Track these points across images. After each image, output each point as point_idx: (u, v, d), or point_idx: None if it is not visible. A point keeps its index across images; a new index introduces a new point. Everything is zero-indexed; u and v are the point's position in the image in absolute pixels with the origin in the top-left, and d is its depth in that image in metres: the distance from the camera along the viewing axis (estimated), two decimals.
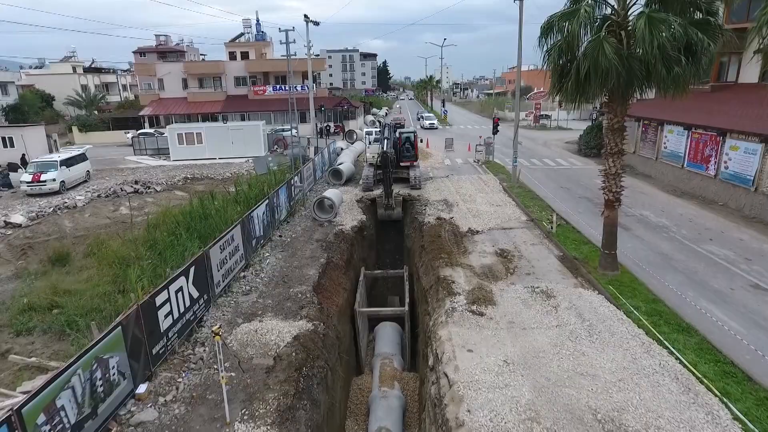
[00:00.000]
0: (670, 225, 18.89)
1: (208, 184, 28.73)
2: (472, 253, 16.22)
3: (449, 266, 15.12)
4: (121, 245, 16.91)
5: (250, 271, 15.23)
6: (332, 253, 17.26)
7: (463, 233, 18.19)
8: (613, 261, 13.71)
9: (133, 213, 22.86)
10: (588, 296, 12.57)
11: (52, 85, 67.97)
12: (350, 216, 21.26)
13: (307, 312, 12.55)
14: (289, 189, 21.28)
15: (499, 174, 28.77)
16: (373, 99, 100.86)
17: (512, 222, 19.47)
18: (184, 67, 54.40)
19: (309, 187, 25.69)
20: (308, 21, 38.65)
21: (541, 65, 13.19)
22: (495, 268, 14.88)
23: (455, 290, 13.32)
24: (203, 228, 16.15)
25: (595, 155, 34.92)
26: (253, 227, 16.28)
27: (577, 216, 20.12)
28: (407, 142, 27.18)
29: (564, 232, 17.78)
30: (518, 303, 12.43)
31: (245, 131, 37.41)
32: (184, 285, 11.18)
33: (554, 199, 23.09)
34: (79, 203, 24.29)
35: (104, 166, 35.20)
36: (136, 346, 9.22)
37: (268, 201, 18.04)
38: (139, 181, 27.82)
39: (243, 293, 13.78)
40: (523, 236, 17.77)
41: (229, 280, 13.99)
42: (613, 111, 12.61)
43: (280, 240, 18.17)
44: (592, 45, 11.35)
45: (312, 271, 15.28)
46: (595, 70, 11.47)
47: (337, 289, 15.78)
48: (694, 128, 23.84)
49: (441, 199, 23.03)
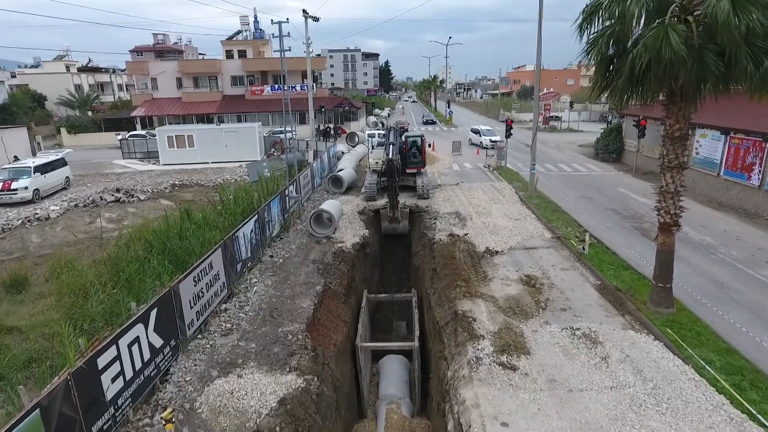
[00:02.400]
0: (716, 244, 16.54)
1: (196, 192, 26.47)
2: (493, 280, 13.90)
3: (467, 297, 12.80)
4: (89, 267, 14.64)
5: (233, 303, 12.94)
6: (330, 277, 14.95)
7: (480, 254, 15.87)
8: (667, 296, 11.38)
9: (110, 227, 20.60)
10: (643, 343, 10.24)
11: (45, 85, 65.86)
12: (351, 231, 18.96)
13: (298, 361, 10.24)
14: (283, 201, 18.99)
15: (513, 181, 26.42)
16: (375, 99, 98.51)
17: (535, 240, 17.14)
18: (179, 65, 52.16)
19: (306, 196, 23.40)
20: (307, 16, 36.41)
21: (581, 57, 10.87)
22: (522, 300, 12.55)
23: (478, 331, 11.01)
24: (180, 250, 13.84)
25: (614, 160, 32.64)
26: (238, 249, 13.99)
27: (607, 233, 17.77)
28: (414, 147, 24.87)
29: (597, 254, 15.44)
30: (557, 351, 10.10)
31: (240, 134, 35.12)
32: (141, 334, 8.90)
33: (577, 211, 20.74)
34: (52, 214, 22.03)
35: (88, 171, 32.97)
36: (65, 428, 6.93)
37: (257, 217, 15.76)
38: (121, 189, 25.54)
39: (222, 333, 11.48)
40: (550, 258, 15.44)
41: (207, 316, 11.70)
42: (673, 115, 10.28)
43: (271, 261, 15.86)
44: (654, 33, 9.03)
45: (306, 303, 12.97)
46: (657, 65, 9.17)
47: (335, 322, 13.48)
48: (733, 132, 21.47)
49: (452, 211, 20.69)
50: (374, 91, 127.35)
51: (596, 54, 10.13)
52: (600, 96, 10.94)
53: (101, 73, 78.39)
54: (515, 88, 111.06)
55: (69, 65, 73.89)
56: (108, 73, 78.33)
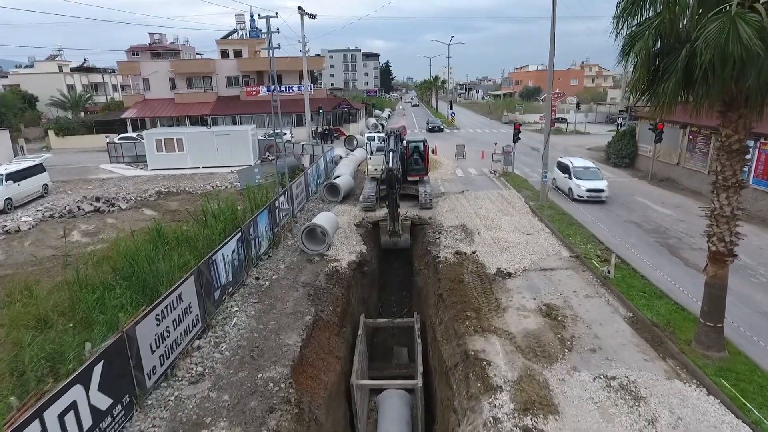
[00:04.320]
0: (754, 264, 14.81)
1: (183, 201, 24.73)
2: (507, 310, 12.14)
3: (479, 333, 11.05)
4: (49, 293, 12.89)
5: (208, 338, 11.19)
6: (322, 304, 13.20)
7: (491, 276, 14.11)
8: (718, 337, 9.62)
9: (84, 240, 18.87)
10: (696, 400, 8.48)
11: (37, 85, 64.10)
12: (347, 247, 17.22)
13: (278, 421, 8.49)
14: (272, 213, 17.25)
15: (522, 189, 24.67)
16: (375, 100, 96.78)
17: (552, 259, 15.38)
18: (172, 65, 50.42)
19: (300, 206, 21.66)
20: (303, 14, 34.69)
21: (619, 58, 9.13)
22: (543, 337, 10.80)
23: (493, 380, 9.25)
24: (150, 276, 12.07)
25: (627, 165, 30.88)
26: (216, 274, 12.24)
27: (631, 251, 16.01)
28: (416, 153, 23.15)
29: (624, 277, 13.67)
30: (592, 410, 8.35)
31: (232, 137, 33.37)
32: (80, 397, 7.16)
33: (594, 224, 18.99)
34: (23, 226, 20.29)
35: (72, 177, 31.21)
36: None
37: (241, 234, 14.01)
38: (102, 198, 23.79)
39: (192, 379, 9.73)
40: (571, 282, 13.69)
41: (174, 359, 9.96)
42: (732, 123, 8.53)
43: (256, 285, 14.11)
44: (718, 26, 7.27)
45: (293, 338, 11.22)
46: (721, 64, 7.42)
47: (327, 359, 11.73)
48: (764, 138, 19.72)
49: (458, 224, 18.93)
50: (374, 92, 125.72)
51: (640, 51, 8.36)
52: (640, 100, 9.18)
53: (95, 73, 76.57)
54: (517, 88, 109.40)
55: (62, 65, 72.12)
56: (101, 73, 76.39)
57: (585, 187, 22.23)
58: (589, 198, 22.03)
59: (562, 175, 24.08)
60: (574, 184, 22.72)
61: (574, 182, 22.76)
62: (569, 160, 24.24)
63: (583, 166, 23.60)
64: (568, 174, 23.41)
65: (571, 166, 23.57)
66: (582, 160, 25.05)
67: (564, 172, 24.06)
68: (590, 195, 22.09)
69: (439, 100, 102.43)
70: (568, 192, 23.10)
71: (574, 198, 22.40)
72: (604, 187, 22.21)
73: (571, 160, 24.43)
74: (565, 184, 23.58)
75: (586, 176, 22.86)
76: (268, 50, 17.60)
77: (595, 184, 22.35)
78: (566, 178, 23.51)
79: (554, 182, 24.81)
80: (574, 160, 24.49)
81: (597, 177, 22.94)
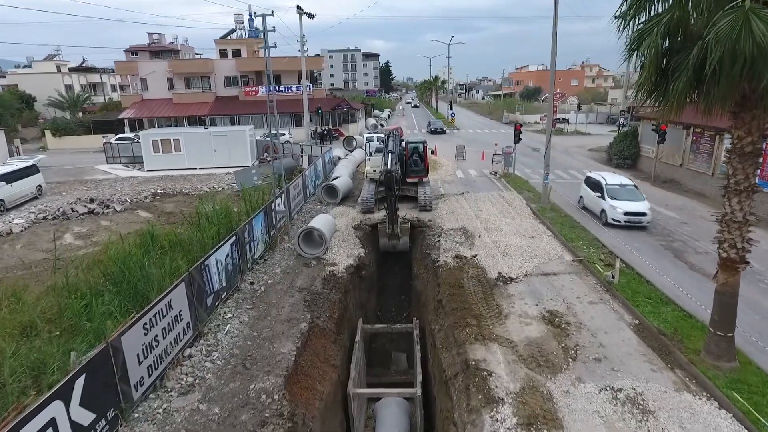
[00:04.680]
0: (763, 269, 14.43)
1: (179, 202, 24.37)
2: (509, 317, 11.78)
3: (480, 341, 10.69)
4: (37, 299, 12.52)
5: (200, 346, 10.82)
6: (318, 310, 12.84)
7: (492, 282, 13.75)
8: (728, 347, 9.25)
9: (77, 243, 18.51)
10: (707, 414, 8.11)
11: (35, 85, 63.77)
12: (345, 250, 16.85)
13: None
14: (268, 216, 16.88)
15: (523, 191, 24.30)
16: (375, 100, 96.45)
17: (554, 263, 15.01)
18: (169, 65, 50.03)
19: (297, 208, 21.30)
20: (301, 13, 34.33)
21: (625, 56, 8.77)
22: (546, 346, 10.43)
23: (494, 392, 8.89)
24: (140, 282, 11.71)
25: (629, 167, 30.52)
26: (208, 280, 11.87)
27: (635, 254, 15.65)
28: (415, 154, 22.79)
29: (628, 283, 13.29)
30: (598, 425, 7.98)
31: (229, 137, 32.98)
32: (59, 414, 6.79)
33: (597, 227, 18.62)
34: (15, 228, 19.93)
35: (68, 178, 30.84)
36: None
37: (235, 238, 13.64)
38: (96, 200, 23.41)
39: (181, 390, 9.36)
40: (574, 287, 13.32)
41: (163, 369, 9.59)
42: (745, 125, 8.17)
43: (251, 290, 13.74)
44: (730, 22, 6.92)
45: (287, 347, 10.85)
46: (732, 62, 7.07)
47: (323, 368, 11.36)
48: None
49: (458, 227, 18.57)
50: (374, 92, 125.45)
51: (648, 49, 7.99)
52: (647, 101, 8.81)
53: (93, 73, 76.20)
54: (518, 89, 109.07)
55: (60, 65, 71.76)
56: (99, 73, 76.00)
57: (622, 210, 18.19)
58: (628, 223, 18.14)
59: (593, 194, 19.98)
60: (608, 205, 18.70)
61: (608, 203, 18.74)
62: (601, 176, 20.29)
63: (618, 183, 19.52)
64: (600, 193, 19.38)
65: (603, 183, 19.54)
66: (616, 175, 21.03)
67: (594, 189, 19.98)
68: (629, 220, 18.14)
69: (439, 100, 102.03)
70: (600, 215, 19.19)
71: (607, 222, 18.57)
72: (647, 210, 18.26)
73: (604, 175, 20.38)
74: (596, 205, 19.54)
75: (622, 196, 18.86)
76: (264, 49, 17.21)
77: (635, 206, 18.34)
78: (598, 198, 19.50)
79: (581, 201, 21.32)
80: (606, 175, 20.48)
81: (636, 197, 18.91)
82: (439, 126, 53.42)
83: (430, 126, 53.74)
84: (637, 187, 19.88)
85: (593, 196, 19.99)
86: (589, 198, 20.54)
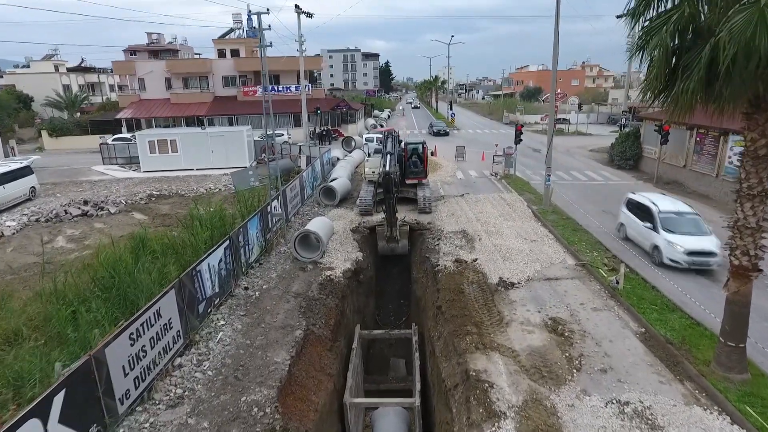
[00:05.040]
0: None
1: (175, 204, 23.97)
2: (511, 325, 11.41)
3: (481, 350, 10.32)
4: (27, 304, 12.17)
5: (190, 355, 10.45)
6: (314, 317, 12.46)
7: (493, 287, 13.38)
8: (740, 358, 8.88)
9: (69, 246, 18.13)
10: (718, 429, 7.75)
11: (32, 85, 63.38)
12: (342, 253, 16.49)
13: None
14: (264, 219, 16.51)
15: (524, 192, 23.91)
16: (375, 100, 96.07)
17: (557, 268, 14.64)
18: (167, 65, 49.64)
19: (294, 210, 20.93)
20: (300, 12, 33.96)
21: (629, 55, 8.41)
22: (549, 355, 10.05)
23: (496, 405, 8.52)
24: (130, 288, 11.33)
25: (631, 168, 30.14)
26: (200, 286, 11.50)
27: (639, 259, 15.25)
28: (414, 155, 22.44)
29: (633, 288, 12.92)
30: None
31: (227, 138, 32.60)
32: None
33: (600, 229, 18.22)
34: (7, 231, 19.55)
35: (63, 179, 30.44)
36: None
37: (229, 242, 13.26)
38: (90, 201, 23.03)
39: (170, 403, 8.99)
40: (578, 293, 12.95)
41: (151, 381, 9.21)
42: (758, 127, 7.80)
43: (245, 295, 13.37)
44: (745, 17, 6.55)
45: (281, 356, 10.48)
46: (746, 60, 6.70)
47: (318, 377, 10.99)
48: None
49: (458, 229, 18.20)
50: (374, 92, 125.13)
51: (657, 47, 7.62)
52: (655, 101, 8.44)
53: (92, 73, 75.82)
54: (518, 89, 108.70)
55: (58, 65, 71.35)
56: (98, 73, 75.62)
57: (684, 248, 13.82)
58: (692, 266, 13.83)
59: (640, 224, 15.39)
60: (663, 241, 14.31)
61: (662, 237, 14.34)
62: (650, 200, 15.47)
63: (675, 211, 14.93)
64: (652, 223, 14.81)
65: (655, 210, 14.91)
66: (669, 199, 16.27)
67: (642, 217, 15.35)
68: (693, 261, 13.78)
69: (439, 100, 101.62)
70: (652, 252, 14.84)
71: (662, 261, 14.32)
72: (716, 249, 13.59)
73: (654, 199, 15.58)
74: (646, 239, 15.12)
75: (682, 228, 14.32)
76: (259, 48, 16.85)
77: (700, 242, 13.90)
78: (648, 230, 14.92)
79: (622, 229, 16.72)
80: (657, 199, 15.66)
81: (700, 230, 14.39)
82: (441, 128, 51.18)
83: (433, 127, 51.72)
84: (700, 215, 15.25)
85: (641, 226, 15.37)
86: (634, 228, 15.95)
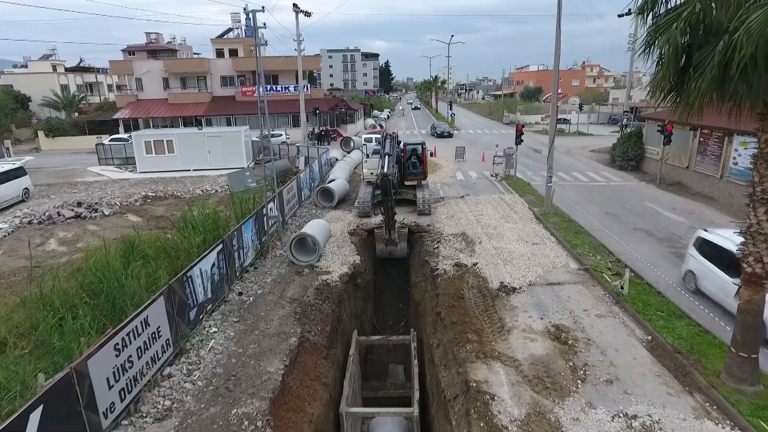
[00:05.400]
0: None
1: (170, 206, 23.62)
2: (512, 332, 11.04)
3: (481, 359, 9.95)
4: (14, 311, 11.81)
5: (180, 364, 10.08)
6: (310, 324, 12.10)
7: (494, 292, 13.01)
8: (752, 369, 8.51)
9: (61, 250, 17.77)
10: None
11: (30, 85, 62.97)
12: (339, 257, 16.12)
13: None
14: (259, 221, 16.15)
15: (525, 194, 23.55)
16: (374, 100, 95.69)
17: (559, 272, 14.27)
18: (165, 65, 49.29)
19: (291, 212, 20.57)
20: (298, 11, 33.61)
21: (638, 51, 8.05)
22: (553, 365, 9.68)
23: (498, 419, 8.15)
24: (120, 295, 10.96)
25: (633, 168, 29.78)
26: (192, 292, 11.13)
27: (644, 262, 14.90)
28: (414, 156, 22.08)
29: (638, 294, 12.53)
30: None
31: (224, 139, 32.26)
32: None
33: (602, 232, 17.87)
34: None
35: (58, 180, 30.08)
36: None
37: (222, 246, 12.89)
38: (84, 203, 22.66)
39: (157, 416, 8.62)
40: (581, 299, 12.58)
41: (138, 392, 8.84)
42: None
43: (239, 301, 13.00)
44: (764, 15, 6.18)
45: (274, 365, 10.11)
46: (765, 59, 6.34)
47: (313, 387, 10.63)
48: None
49: (458, 232, 17.83)
50: (373, 92, 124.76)
51: (666, 45, 7.26)
52: (664, 101, 8.08)
53: (90, 73, 75.45)
54: (518, 89, 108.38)
55: (56, 65, 71.01)
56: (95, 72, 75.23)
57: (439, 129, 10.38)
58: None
59: (721, 275, 11.11)
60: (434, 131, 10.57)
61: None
62: (730, 240, 10.68)
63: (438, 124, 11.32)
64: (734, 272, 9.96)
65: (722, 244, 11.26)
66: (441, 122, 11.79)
67: (723, 266, 11.08)
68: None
69: (439, 100, 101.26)
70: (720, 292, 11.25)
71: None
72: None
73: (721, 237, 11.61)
74: (728, 294, 10.31)
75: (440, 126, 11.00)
76: (255, 47, 16.49)
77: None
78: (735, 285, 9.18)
79: (690, 279, 12.61)
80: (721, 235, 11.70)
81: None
82: (444, 129, 46.94)
83: (435, 129, 47.65)
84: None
85: (722, 278, 11.02)
86: (711, 279, 11.65)
